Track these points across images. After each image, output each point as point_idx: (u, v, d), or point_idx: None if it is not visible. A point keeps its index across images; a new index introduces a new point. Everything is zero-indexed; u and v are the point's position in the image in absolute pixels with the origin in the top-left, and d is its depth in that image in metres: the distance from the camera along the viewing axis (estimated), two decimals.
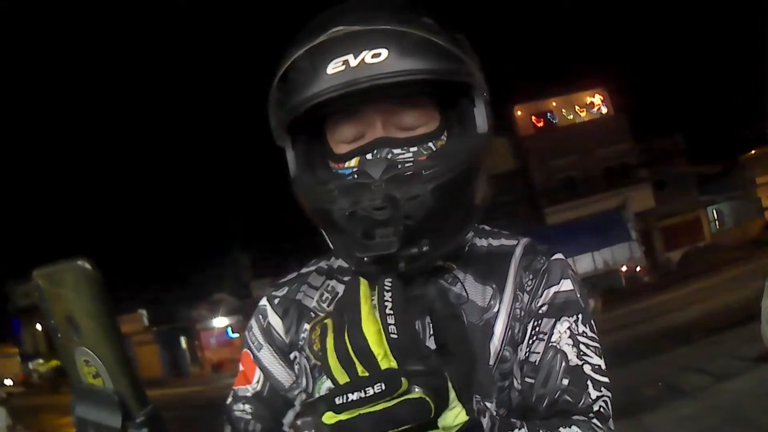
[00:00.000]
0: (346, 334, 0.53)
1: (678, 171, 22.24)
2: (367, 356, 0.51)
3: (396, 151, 0.74)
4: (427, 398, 0.52)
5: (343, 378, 0.53)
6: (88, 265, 0.60)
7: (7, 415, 8.71)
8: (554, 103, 21.88)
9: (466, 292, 0.81)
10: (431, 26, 0.72)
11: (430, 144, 0.76)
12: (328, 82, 0.69)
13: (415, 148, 0.75)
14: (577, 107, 21.84)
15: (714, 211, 23.23)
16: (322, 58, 0.70)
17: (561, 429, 0.70)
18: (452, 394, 0.54)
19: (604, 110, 21.91)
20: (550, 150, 20.87)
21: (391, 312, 0.52)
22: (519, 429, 0.65)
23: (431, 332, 0.78)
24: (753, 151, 22.27)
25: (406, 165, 0.73)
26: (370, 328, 0.52)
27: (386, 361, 0.51)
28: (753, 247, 17.72)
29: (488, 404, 0.75)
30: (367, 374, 0.52)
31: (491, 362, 0.78)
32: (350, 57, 0.68)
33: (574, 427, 0.71)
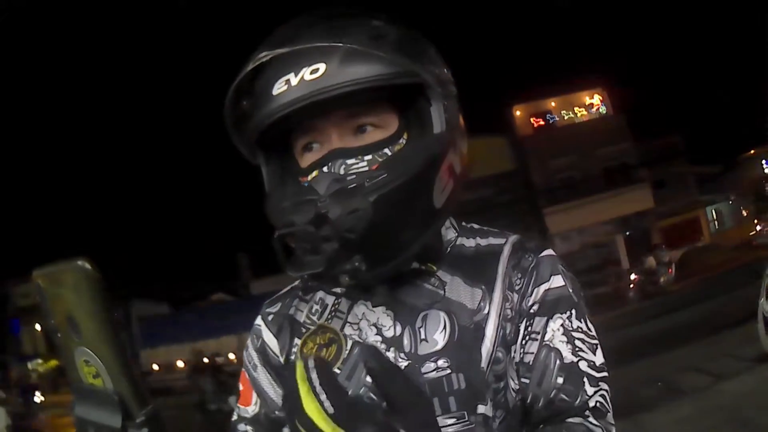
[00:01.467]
0: (295, 418, 0.58)
1: (677, 171, 22.23)
2: None
3: (350, 161, 0.75)
4: None
5: None
6: (88, 265, 0.60)
7: (6, 415, 8.71)
8: (553, 103, 21.84)
9: (444, 292, 0.81)
10: (375, 29, 0.72)
11: (386, 150, 0.76)
12: (274, 102, 0.72)
13: (369, 156, 0.75)
14: (576, 107, 21.81)
15: (713, 211, 23.22)
16: (266, 80, 0.73)
17: None
18: None
19: (604, 110, 21.88)
20: (549, 150, 20.84)
21: (322, 389, 0.57)
22: None
23: (421, 336, 0.79)
24: (753, 151, 22.28)
25: (353, 177, 0.73)
26: (310, 406, 0.57)
27: None
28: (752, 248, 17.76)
29: (482, 406, 0.76)
30: None
31: (483, 365, 0.77)
32: (291, 76, 0.71)
33: None
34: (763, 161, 23.84)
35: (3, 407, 8.90)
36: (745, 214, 22.82)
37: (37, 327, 26.24)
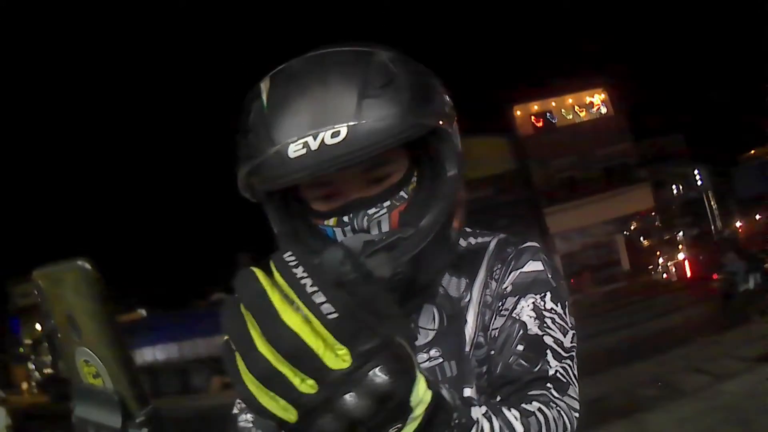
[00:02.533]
0: (259, 343, 0.39)
1: (677, 171, 22.24)
2: (307, 356, 0.39)
3: (371, 211, 0.75)
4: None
5: (278, 408, 0.40)
6: (88, 265, 0.60)
7: (6, 415, 8.75)
8: (554, 103, 21.85)
9: (444, 289, 0.84)
10: (385, 73, 0.70)
11: (402, 193, 0.77)
12: (291, 166, 0.68)
13: (388, 203, 0.76)
14: (576, 107, 21.81)
15: None
16: (279, 139, 0.68)
17: (524, 405, 0.65)
18: (415, 365, 0.45)
19: (604, 110, 21.89)
20: (549, 150, 20.85)
21: (316, 287, 0.40)
22: (479, 406, 0.58)
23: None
24: (752, 151, 22.28)
25: (383, 237, 0.74)
26: (292, 319, 0.39)
27: (330, 355, 0.40)
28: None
29: (468, 390, 0.78)
30: (313, 387, 0.40)
31: (467, 349, 0.80)
32: (310, 139, 0.67)
33: (534, 403, 0.66)
34: (677, 186, 22.13)
35: (3, 407, 8.93)
36: (646, 244, 21.33)
37: (38, 327, 26.26)
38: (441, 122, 0.75)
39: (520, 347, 0.74)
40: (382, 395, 0.41)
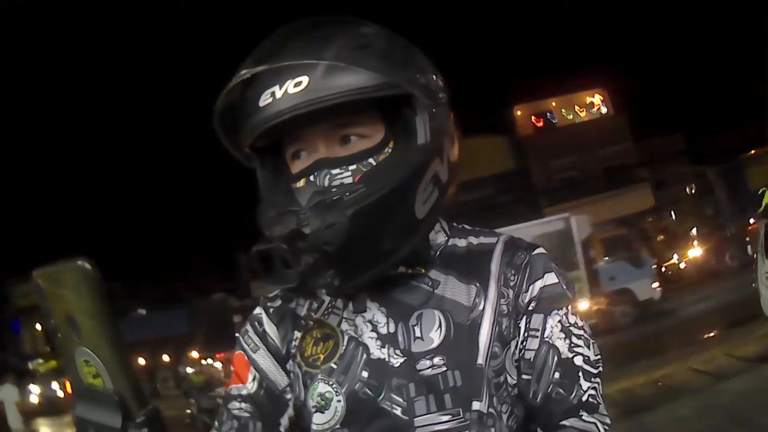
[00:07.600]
0: None
1: (678, 171, 22.24)
2: None
3: (335, 171, 0.77)
4: None
5: None
6: (88, 265, 0.60)
7: (16, 390, 9.10)
8: (554, 103, 21.86)
9: (438, 291, 0.83)
10: (362, 38, 0.75)
11: (371, 160, 0.78)
12: (261, 114, 0.74)
13: (354, 166, 0.77)
14: (577, 107, 21.82)
15: None
16: (254, 90, 0.75)
17: None
18: None
19: (604, 110, 21.90)
20: (550, 150, 20.85)
21: None
22: None
23: (416, 334, 0.81)
24: (753, 151, 22.28)
25: (335, 190, 0.75)
26: None
27: None
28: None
29: (477, 403, 0.78)
30: None
31: (481, 360, 0.79)
32: (276, 88, 0.73)
33: None
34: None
35: (14, 385, 9.44)
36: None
37: (38, 327, 26.26)
38: (414, 91, 0.76)
39: (557, 375, 0.79)
40: None
